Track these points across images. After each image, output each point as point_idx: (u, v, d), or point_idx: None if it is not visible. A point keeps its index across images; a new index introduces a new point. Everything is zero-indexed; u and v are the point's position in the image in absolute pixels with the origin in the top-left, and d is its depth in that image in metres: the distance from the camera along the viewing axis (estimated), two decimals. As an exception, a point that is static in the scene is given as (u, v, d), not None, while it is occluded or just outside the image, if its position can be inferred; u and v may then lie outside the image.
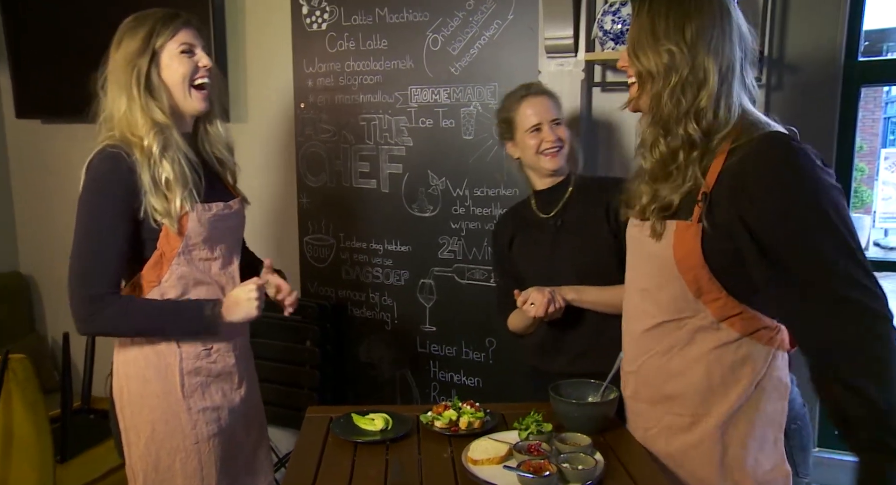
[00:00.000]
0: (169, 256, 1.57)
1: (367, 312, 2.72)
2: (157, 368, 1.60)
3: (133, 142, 1.52)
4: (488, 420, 1.59)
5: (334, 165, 2.68)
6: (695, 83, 1.27)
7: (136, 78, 1.53)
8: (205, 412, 1.63)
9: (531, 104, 1.82)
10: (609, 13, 2.04)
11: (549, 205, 1.88)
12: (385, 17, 2.49)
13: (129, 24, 1.58)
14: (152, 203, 1.51)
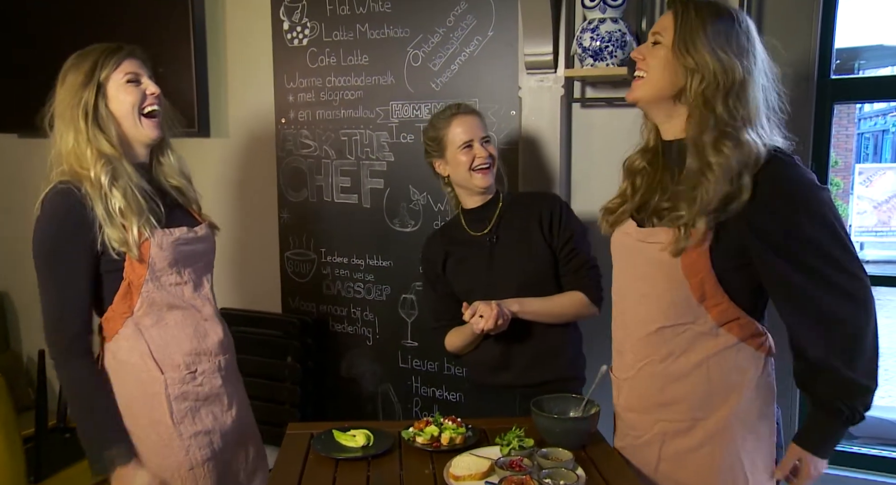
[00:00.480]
0: (137, 284, 1.55)
1: (348, 328, 2.70)
2: (144, 396, 1.57)
3: (82, 175, 1.51)
4: (470, 436, 1.59)
5: (315, 180, 2.68)
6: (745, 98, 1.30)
7: (82, 111, 1.52)
8: (197, 437, 1.61)
9: (461, 122, 1.85)
10: (588, 30, 2.07)
11: (480, 223, 1.90)
12: (366, 33, 2.51)
13: (73, 60, 1.58)
14: (109, 234, 1.49)
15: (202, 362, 1.63)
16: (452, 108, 1.89)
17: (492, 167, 1.85)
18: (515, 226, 1.87)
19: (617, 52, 2.05)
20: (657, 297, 1.40)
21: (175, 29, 2.68)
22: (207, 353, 1.64)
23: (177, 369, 1.59)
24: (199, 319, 1.64)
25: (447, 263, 1.93)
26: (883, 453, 2.32)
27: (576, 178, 2.33)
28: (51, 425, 2.66)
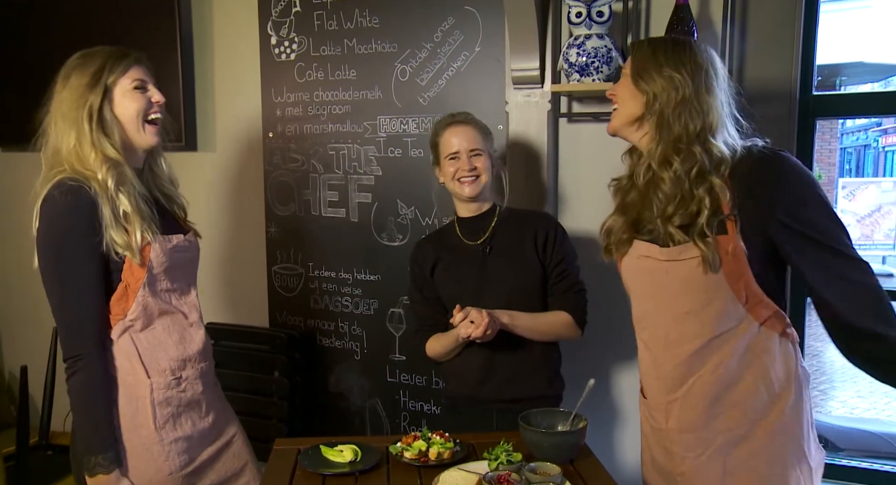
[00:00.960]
0: (134, 287, 1.55)
1: (336, 342, 2.69)
2: (129, 401, 1.56)
3: (88, 175, 1.49)
4: (458, 450, 1.59)
5: (303, 194, 2.68)
6: (700, 111, 1.39)
7: (87, 113, 1.51)
8: (177, 443, 1.60)
9: (455, 132, 1.88)
10: (574, 46, 2.09)
11: (474, 232, 1.92)
12: (353, 47, 2.52)
13: (78, 60, 1.57)
14: (113, 237, 1.48)
15: (187, 368, 1.63)
16: (450, 116, 1.93)
17: (479, 178, 1.86)
18: (510, 239, 1.89)
19: (603, 67, 2.07)
20: (702, 311, 1.41)
21: (162, 43, 2.68)
22: (192, 359, 1.65)
23: (162, 374, 1.59)
24: (185, 324, 1.65)
25: (436, 268, 1.94)
26: (871, 465, 2.34)
27: (563, 192, 2.35)
28: (33, 443, 2.62)
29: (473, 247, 1.91)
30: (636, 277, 1.52)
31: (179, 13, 2.69)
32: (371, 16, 2.48)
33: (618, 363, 2.33)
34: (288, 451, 1.65)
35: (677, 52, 1.42)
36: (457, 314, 1.74)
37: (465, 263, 1.91)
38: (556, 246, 1.88)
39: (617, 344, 2.32)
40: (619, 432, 2.36)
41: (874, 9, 10.24)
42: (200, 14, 2.79)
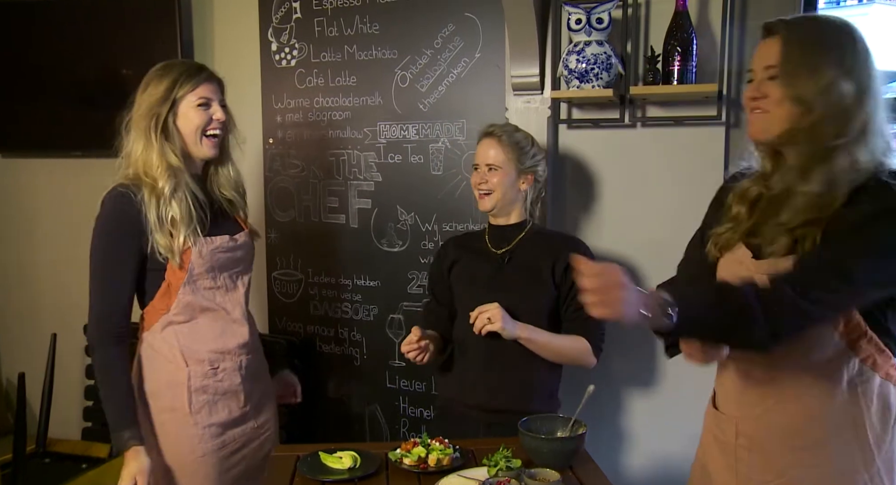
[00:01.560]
0: (175, 286, 1.70)
1: (335, 348, 2.69)
2: (168, 384, 1.72)
3: (145, 182, 1.66)
4: (457, 457, 1.58)
5: (303, 200, 2.68)
6: (859, 119, 1.21)
7: (154, 123, 1.67)
8: (210, 428, 1.73)
9: (482, 144, 1.92)
10: (574, 53, 2.09)
11: (500, 241, 1.94)
12: (354, 54, 2.52)
13: (157, 71, 1.72)
14: (157, 239, 1.64)
15: (225, 360, 1.76)
16: (490, 126, 1.95)
17: (491, 194, 1.89)
18: (531, 255, 1.90)
19: (602, 74, 2.07)
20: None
21: (163, 49, 2.68)
22: (231, 352, 1.77)
23: (201, 363, 1.73)
24: (227, 320, 1.78)
25: (455, 266, 1.98)
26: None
27: (562, 198, 2.35)
28: (29, 451, 2.61)
29: (494, 254, 1.93)
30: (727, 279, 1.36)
31: (180, 19, 2.69)
32: (371, 22, 2.49)
33: (618, 370, 2.33)
34: (287, 457, 1.65)
35: (844, 39, 1.22)
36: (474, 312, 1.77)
37: (481, 267, 1.93)
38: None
39: (617, 350, 2.31)
40: (618, 437, 2.36)
41: (871, 16, 10.26)
42: (201, 20, 2.79)
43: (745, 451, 1.37)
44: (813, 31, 1.26)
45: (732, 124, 2.14)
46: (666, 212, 2.22)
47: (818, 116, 1.21)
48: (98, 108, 2.79)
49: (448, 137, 2.42)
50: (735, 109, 2.13)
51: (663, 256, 2.23)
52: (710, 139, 2.14)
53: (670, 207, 2.21)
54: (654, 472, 2.32)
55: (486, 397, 1.86)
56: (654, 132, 2.22)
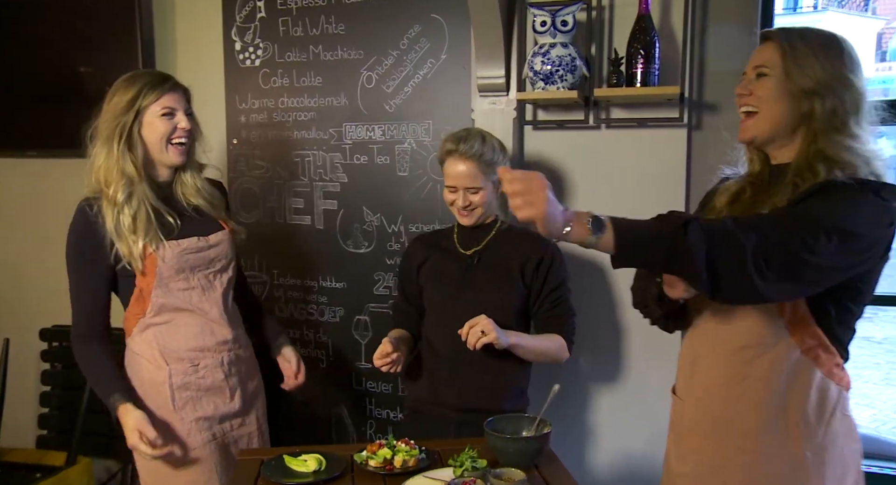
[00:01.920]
0: (147, 290, 1.75)
1: (301, 350, 2.65)
2: (151, 384, 1.78)
3: (104, 192, 1.71)
4: (423, 458, 1.58)
5: (268, 201, 2.65)
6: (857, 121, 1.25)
7: (118, 133, 1.70)
8: (198, 422, 1.79)
9: (454, 165, 1.86)
10: (539, 54, 2.11)
11: (469, 242, 1.95)
12: (319, 54, 2.51)
13: (122, 82, 1.75)
14: (120, 248, 1.70)
15: (205, 357, 1.80)
16: (454, 142, 1.86)
17: (475, 211, 1.89)
18: (500, 255, 1.91)
19: (567, 76, 2.09)
20: (742, 314, 1.33)
21: (122, 48, 2.63)
22: (211, 349, 1.81)
23: (180, 361, 1.78)
24: (205, 319, 1.81)
25: (423, 266, 1.97)
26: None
27: (528, 199, 2.36)
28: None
29: (463, 256, 1.93)
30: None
31: (140, 18, 2.64)
32: (337, 23, 2.47)
33: (583, 368, 2.35)
34: (251, 462, 1.63)
35: (835, 46, 1.27)
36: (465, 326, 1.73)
37: (450, 268, 1.93)
38: (553, 271, 1.89)
39: (583, 349, 2.34)
40: (584, 436, 2.38)
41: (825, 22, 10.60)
42: (163, 19, 2.75)
43: (687, 432, 1.43)
44: (812, 36, 1.30)
45: (694, 126, 2.17)
46: (630, 212, 2.24)
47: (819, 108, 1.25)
48: (55, 108, 2.74)
49: (414, 137, 2.41)
50: (697, 111, 2.17)
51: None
52: (672, 141, 2.18)
53: (634, 207, 2.23)
54: (619, 469, 2.35)
55: (457, 396, 1.87)
56: (617, 134, 2.25)
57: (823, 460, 1.30)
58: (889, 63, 16.18)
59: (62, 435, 2.73)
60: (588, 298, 2.28)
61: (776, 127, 1.31)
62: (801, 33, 1.31)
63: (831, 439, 1.31)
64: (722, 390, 1.36)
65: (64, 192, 2.55)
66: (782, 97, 1.28)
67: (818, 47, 1.27)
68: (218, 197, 1.91)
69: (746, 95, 1.32)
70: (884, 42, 16.77)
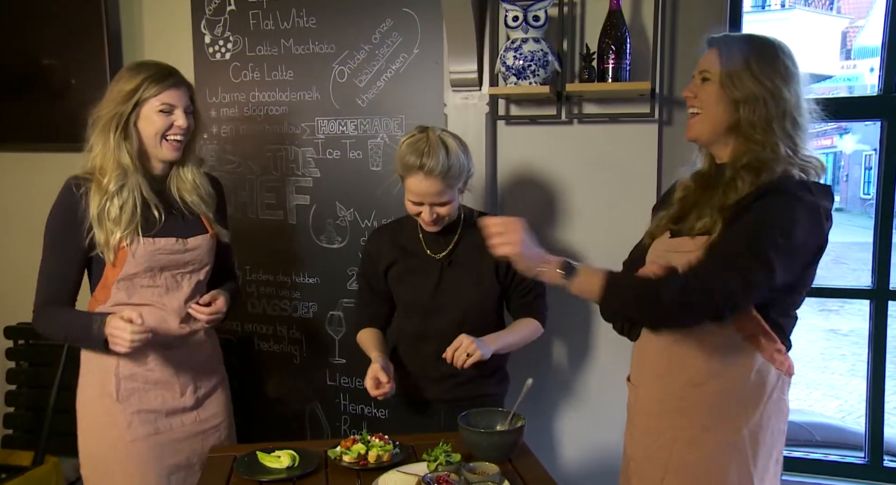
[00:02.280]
0: (111, 280, 1.73)
1: (274, 346, 2.65)
2: (96, 373, 1.76)
3: (96, 177, 1.69)
4: (397, 453, 1.58)
5: (239, 196, 2.63)
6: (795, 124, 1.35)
7: (115, 122, 1.69)
8: (140, 414, 1.75)
9: (419, 182, 1.74)
10: (511, 50, 2.11)
11: (437, 245, 1.90)
12: (290, 48, 2.48)
13: (127, 71, 1.74)
14: (97, 235, 1.68)
15: (156, 350, 1.76)
16: (417, 156, 1.73)
17: (442, 220, 1.81)
18: (471, 254, 1.86)
19: (539, 71, 2.10)
20: None
21: (88, 40, 2.58)
22: (163, 344, 1.77)
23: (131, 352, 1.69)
24: (163, 314, 1.77)
25: (392, 269, 1.92)
26: (790, 454, 2.43)
27: (501, 194, 2.37)
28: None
29: (434, 259, 1.89)
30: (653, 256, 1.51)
31: (106, 9, 2.59)
32: (308, 16, 2.45)
33: (556, 362, 2.37)
34: (223, 458, 1.62)
35: (769, 54, 1.36)
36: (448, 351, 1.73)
37: (422, 273, 1.88)
38: None
39: (555, 343, 2.36)
40: (557, 430, 2.40)
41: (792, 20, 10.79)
42: (130, 11, 2.70)
43: (637, 414, 1.52)
44: (751, 47, 1.39)
45: (665, 122, 2.20)
46: (602, 206, 2.27)
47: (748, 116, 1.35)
48: (20, 99, 2.68)
49: (387, 132, 2.41)
50: (668, 107, 2.19)
51: (599, 246, 2.29)
52: (643, 136, 2.20)
53: (606, 202, 2.26)
54: (592, 462, 2.37)
55: (442, 390, 1.87)
56: (590, 129, 2.26)
57: (758, 438, 1.39)
58: (853, 61, 16.51)
59: (29, 434, 2.68)
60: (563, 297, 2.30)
61: (716, 128, 1.41)
62: (741, 44, 1.40)
63: (766, 420, 1.40)
64: (665, 373, 1.45)
65: (24, 187, 2.51)
66: (721, 102, 1.38)
67: (754, 59, 1.36)
68: (213, 196, 1.88)
69: (692, 98, 1.43)
70: (848, 40, 17.10)
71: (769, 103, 1.34)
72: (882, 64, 2.25)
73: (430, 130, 1.78)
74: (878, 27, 2.37)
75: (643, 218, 2.21)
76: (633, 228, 2.23)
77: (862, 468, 2.36)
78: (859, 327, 7.49)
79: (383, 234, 1.97)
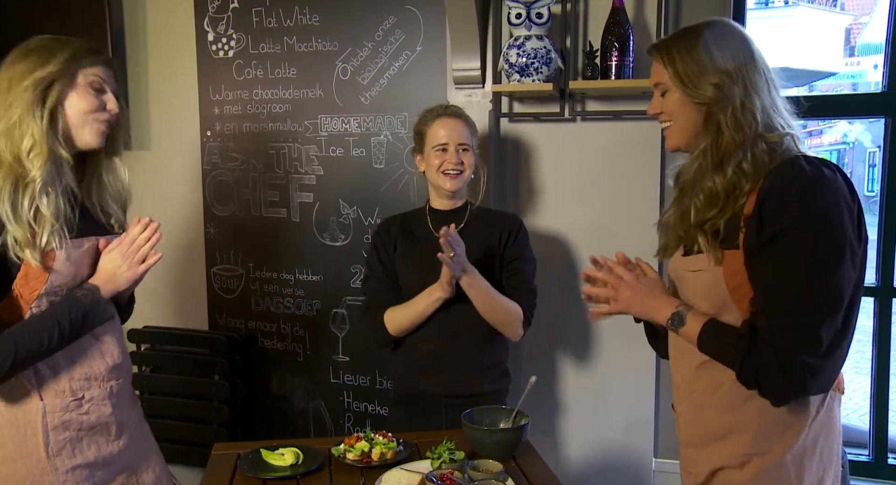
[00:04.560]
0: (28, 298, 1.36)
1: (278, 344, 2.65)
2: (15, 426, 1.38)
3: (4, 161, 1.34)
4: (401, 450, 1.58)
5: (243, 193, 2.63)
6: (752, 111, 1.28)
7: (41, 97, 1.36)
8: (75, 471, 1.41)
9: (444, 124, 1.86)
10: (514, 47, 2.11)
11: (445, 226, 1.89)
12: (294, 45, 2.48)
13: (48, 40, 1.41)
14: (13, 233, 1.31)
15: (91, 388, 1.45)
16: (442, 107, 1.91)
17: (462, 174, 1.86)
18: (478, 239, 1.89)
19: (542, 68, 2.10)
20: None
21: (91, 39, 2.53)
22: (99, 377, 1.46)
23: (60, 395, 1.41)
24: (90, 339, 1.45)
25: (398, 251, 1.93)
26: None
27: (503, 191, 2.37)
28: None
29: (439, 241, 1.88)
30: (675, 279, 1.43)
31: (109, 7, 2.59)
32: (311, 13, 2.45)
33: (559, 360, 2.37)
34: (227, 456, 1.62)
35: (708, 44, 1.30)
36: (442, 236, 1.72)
37: (430, 255, 1.87)
38: (515, 243, 1.89)
39: (559, 341, 2.36)
40: (560, 427, 2.40)
41: (796, 17, 10.75)
42: (133, 8, 2.70)
43: (683, 445, 1.43)
44: (684, 39, 1.34)
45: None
46: (605, 203, 2.27)
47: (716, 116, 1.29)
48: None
49: (390, 130, 2.41)
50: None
51: (602, 243, 2.29)
52: (647, 133, 2.20)
53: (609, 199, 2.26)
54: (595, 460, 2.37)
55: (443, 385, 1.86)
56: (593, 126, 2.26)
57: (803, 464, 1.30)
58: (857, 58, 16.44)
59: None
60: (566, 295, 2.30)
61: (692, 130, 1.35)
62: (679, 45, 1.34)
63: (811, 442, 1.30)
64: (697, 400, 1.37)
65: None
66: (686, 105, 1.34)
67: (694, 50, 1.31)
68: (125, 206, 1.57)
69: (658, 113, 1.39)
70: (852, 37, 17.03)
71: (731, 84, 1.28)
72: (886, 61, 2.24)
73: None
74: (881, 24, 2.36)
75: (646, 215, 2.21)
76: (636, 226, 2.24)
77: (866, 466, 2.36)
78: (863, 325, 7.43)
79: (392, 220, 2.00)
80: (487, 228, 1.91)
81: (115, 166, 1.52)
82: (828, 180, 1.23)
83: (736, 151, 1.28)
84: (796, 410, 1.29)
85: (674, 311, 1.32)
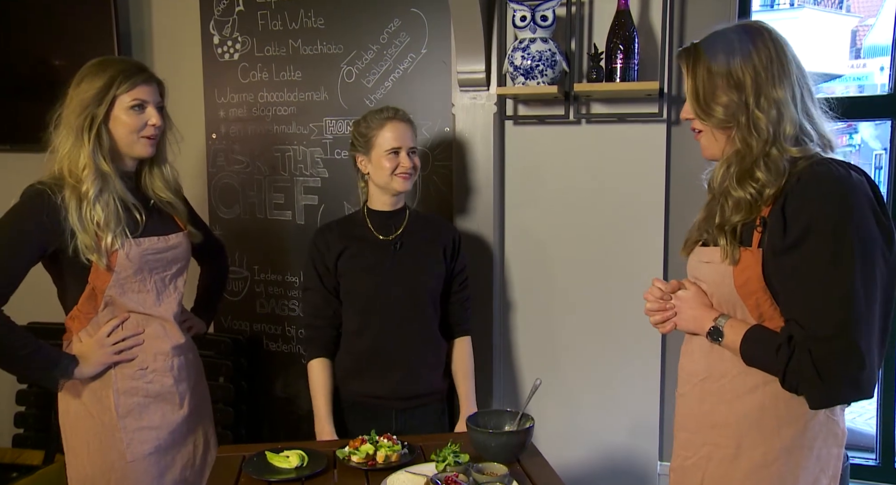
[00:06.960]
0: (100, 289, 1.64)
1: (283, 346, 2.65)
2: (92, 388, 1.67)
3: (67, 182, 1.59)
4: (406, 453, 1.58)
5: (248, 196, 2.63)
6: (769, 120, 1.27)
7: (87, 123, 1.60)
8: (140, 431, 1.68)
9: (394, 128, 1.89)
10: (519, 49, 2.11)
11: (386, 228, 1.95)
12: (299, 48, 2.49)
13: (93, 67, 1.65)
14: (82, 241, 1.58)
15: (155, 361, 1.71)
16: (389, 111, 1.92)
17: (413, 175, 1.92)
18: (420, 240, 1.95)
19: (547, 71, 2.10)
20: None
21: (98, 41, 2.59)
22: (162, 353, 1.72)
23: (128, 366, 1.68)
24: (157, 323, 1.72)
25: (342, 257, 1.92)
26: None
27: (509, 194, 2.37)
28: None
29: (384, 242, 1.93)
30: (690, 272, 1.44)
31: (116, 10, 2.60)
32: (316, 16, 2.46)
33: (564, 363, 2.36)
34: (232, 458, 1.62)
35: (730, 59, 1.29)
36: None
37: (374, 256, 1.92)
38: (461, 254, 1.99)
39: (563, 344, 2.35)
40: (565, 430, 2.39)
41: (801, 19, 10.73)
42: (139, 11, 2.71)
43: (677, 429, 1.46)
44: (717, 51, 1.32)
45: (674, 122, 2.19)
46: (610, 206, 2.26)
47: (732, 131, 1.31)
48: (29, 101, 2.69)
49: (395, 132, 2.40)
50: (676, 107, 2.18)
51: (607, 247, 2.29)
52: (652, 136, 2.19)
53: (614, 202, 2.26)
54: (601, 463, 2.36)
55: (397, 387, 1.89)
56: (598, 129, 2.26)
57: (798, 462, 1.30)
58: (863, 60, 16.41)
59: (39, 434, 2.70)
60: (572, 294, 2.30)
61: (718, 146, 1.36)
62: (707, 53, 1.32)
63: (809, 441, 1.30)
64: (699, 386, 1.39)
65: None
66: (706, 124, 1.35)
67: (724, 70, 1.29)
68: (181, 194, 1.85)
69: (691, 119, 1.39)
70: (858, 39, 16.99)
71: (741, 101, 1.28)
72: (892, 63, 2.23)
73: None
74: (888, 26, 2.35)
75: (651, 218, 2.21)
76: (641, 229, 2.23)
77: (873, 470, 2.35)
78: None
79: (330, 229, 1.99)
80: (428, 232, 1.97)
81: (161, 165, 1.76)
82: (853, 181, 1.22)
83: (757, 160, 1.28)
84: (795, 409, 1.29)
85: (712, 325, 1.34)
